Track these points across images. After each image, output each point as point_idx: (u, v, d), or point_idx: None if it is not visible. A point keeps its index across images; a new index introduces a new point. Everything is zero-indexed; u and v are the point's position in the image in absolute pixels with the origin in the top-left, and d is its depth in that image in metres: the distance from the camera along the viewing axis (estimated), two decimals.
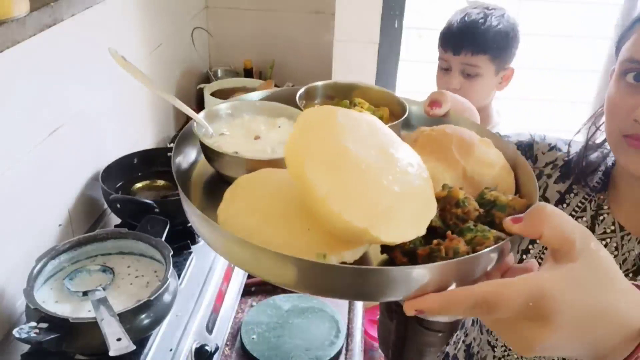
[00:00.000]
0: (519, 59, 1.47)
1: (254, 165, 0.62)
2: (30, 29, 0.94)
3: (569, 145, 0.96)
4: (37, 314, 0.88)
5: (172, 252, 1.03)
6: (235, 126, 0.72)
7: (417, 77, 1.57)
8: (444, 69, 1.42)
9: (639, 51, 0.76)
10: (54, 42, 1.10)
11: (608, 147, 0.90)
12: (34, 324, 0.86)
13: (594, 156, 0.92)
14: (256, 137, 0.70)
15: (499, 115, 1.50)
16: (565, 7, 2.15)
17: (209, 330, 1.09)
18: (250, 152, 0.66)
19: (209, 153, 0.66)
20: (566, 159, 0.94)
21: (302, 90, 0.78)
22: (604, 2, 2.15)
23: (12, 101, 1.00)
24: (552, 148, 0.97)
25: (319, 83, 0.81)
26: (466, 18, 1.38)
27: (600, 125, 0.91)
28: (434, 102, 0.75)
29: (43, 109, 1.10)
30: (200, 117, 0.68)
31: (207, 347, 1.03)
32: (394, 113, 0.77)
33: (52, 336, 0.85)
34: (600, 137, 0.92)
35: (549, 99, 2.34)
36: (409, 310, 0.47)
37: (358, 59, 1.84)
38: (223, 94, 1.91)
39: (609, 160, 0.92)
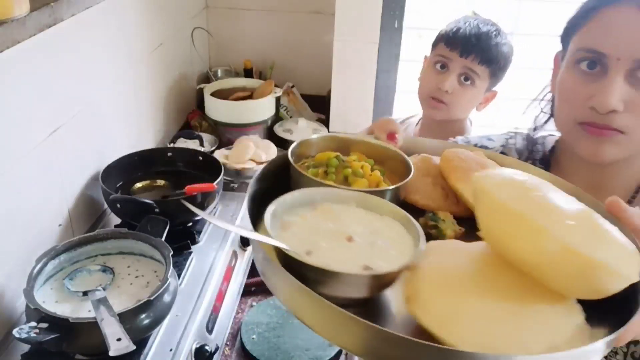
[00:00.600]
0: (519, 59, 1.47)
1: (393, 277, 0.53)
2: (30, 29, 0.94)
3: (507, 138, 1.00)
4: (37, 314, 0.88)
5: (172, 252, 1.03)
6: (301, 237, 0.57)
7: (417, 77, 1.58)
8: (440, 68, 1.41)
9: (593, 40, 0.78)
10: (54, 42, 1.10)
11: (540, 133, 0.97)
12: (34, 324, 0.86)
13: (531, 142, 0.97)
14: (349, 239, 0.57)
15: (471, 124, 1.51)
16: (565, 7, 2.14)
17: (209, 330, 1.09)
18: (380, 261, 0.54)
19: (326, 277, 0.52)
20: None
21: (294, 145, 0.72)
22: None
23: (12, 101, 1.00)
24: (480, 147, 0.97)
25: (314, 137, 0.75)
26: (481, 26, 1.37)
27: (544, 107, 0.97)
28: (391, 135, 0.76)
29: (43, 109, 1.10)
30: (280, 243, 0.54)
31: (207, 347, 1.03)
32: (391, 168, 0.74)
33: (52, 336, 0.85)
34: (542, 120, 0.97)
35: (549, 99, 2.34)
36: (625, 341, 0.50)
37: (358, 59, 1.84)
38: (223, 94, 1.91)
39: (546, 147, 0.96)
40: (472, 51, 1.35)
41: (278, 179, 0.70)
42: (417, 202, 0.72)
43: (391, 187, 0.68)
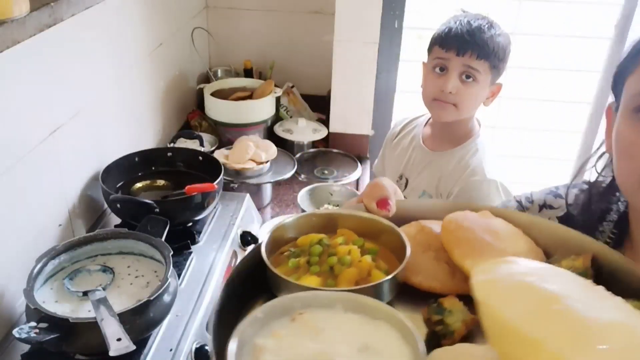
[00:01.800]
0: (519, 59, 1.46)
1: None
2: (30, 29, 0.94)
3: (565, 195, 0.86)
4: (37, 314, 0.88)
5: (172, 252, 1.03)
6: None
7: (417, 77, 1.57)
8: (439, 71, 1.40)
9: None
10: (54, 42, 1.10)
11: (610, 193, 0.81)
12: (34, 324, 0.86)
13: (596, 206, 0.82)
14: None
15: (479, 125, 1.50)
16: (565, 7, 2.15)
17: (209, 330, 1.09)
18: None
19: None
20: (561, 215, 0.86)
21: (269, 233, 0.62)
22: (604, 2, 2.14)
23: (12, 101, 1.00)
24: (543, 207, 0.88)
25: (289, 220, 0.64)
26: (472, 22, 1.36)
27: (604, 169, 0.82)
28: (382, 202, 0.66)
29: (43, 109, 1.10)
30: None
31: (207, 347, 1.03)
32: (386, 242, 0.65)
33: (52, 336, 0.85)
34: (600, 188, 0.83)
35: (549, 99, 2.34)
36: None
37: (358, 59, 1.84)
38: (223, 94, 1.91)
39: (616, 209, 0.82)
40: (468, 48, 1.34)
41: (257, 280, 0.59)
42: (420, 285, 0.62)
43: (383, 279, 0.57)
